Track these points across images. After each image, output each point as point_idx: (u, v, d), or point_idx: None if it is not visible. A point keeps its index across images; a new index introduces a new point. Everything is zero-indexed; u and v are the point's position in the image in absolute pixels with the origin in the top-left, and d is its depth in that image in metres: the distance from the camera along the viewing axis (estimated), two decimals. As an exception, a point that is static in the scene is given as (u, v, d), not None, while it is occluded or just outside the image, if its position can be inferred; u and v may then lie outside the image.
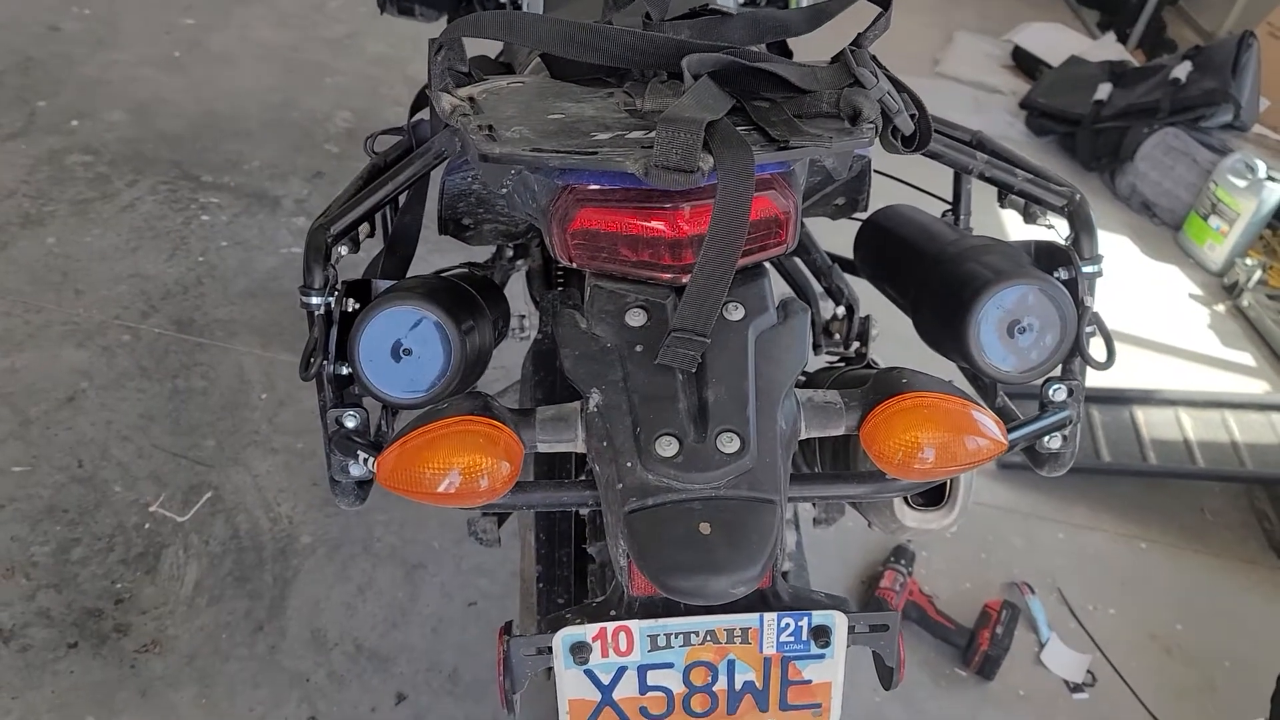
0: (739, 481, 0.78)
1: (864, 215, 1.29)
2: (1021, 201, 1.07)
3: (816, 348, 1.58)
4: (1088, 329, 0.99)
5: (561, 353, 0.86)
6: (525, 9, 1.78)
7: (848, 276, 1.53)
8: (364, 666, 1.80)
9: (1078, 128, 4.10)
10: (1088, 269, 0.98)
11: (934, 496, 1.13)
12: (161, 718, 1.67)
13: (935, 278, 1.03)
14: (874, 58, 0.91)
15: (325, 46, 3.66)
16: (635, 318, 0.86)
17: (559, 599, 1.32)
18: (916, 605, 2.07)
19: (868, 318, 1.47)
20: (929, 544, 2.26)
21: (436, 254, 1.79)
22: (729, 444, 0.78)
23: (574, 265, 0.89)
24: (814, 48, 1.09)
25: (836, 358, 1.55)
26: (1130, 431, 2.62)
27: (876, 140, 0.87)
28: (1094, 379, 1.03)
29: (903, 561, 2.14)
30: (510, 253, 1.67)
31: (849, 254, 1.41)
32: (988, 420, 0.83)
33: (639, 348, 0.84)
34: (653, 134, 0.80)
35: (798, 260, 1.59)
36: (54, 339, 2.28)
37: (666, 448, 0.78)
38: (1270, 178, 3.49)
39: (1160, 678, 2.09)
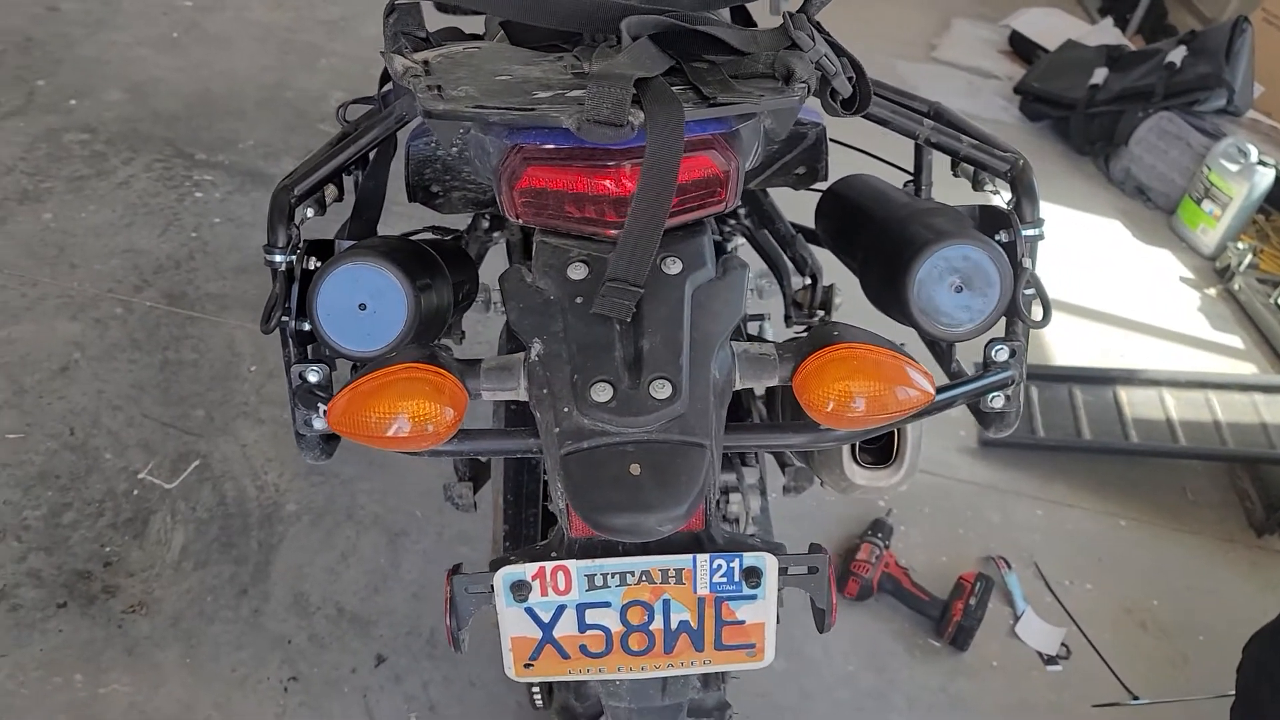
0: (670, 426, 0.81)
1: (825, 185, 1.32)
2: (971, 169, 1.10)
3: (787, 319, 1.61)
4: (1027, 291, 1.01)
5: (507, 305, 0.90)
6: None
7: (812, 247, 1.55)
8: (345, 629, 1.84)
9: (1072, 112, 4.11)
10: (1028, 231, 1.01)
11: (883, 456, 1.17)
12: (147, 676, 1.71)
13: (881, 240, 1.06)
14: (817, 23, 0.94)
15: (320, 28, 3.69)
16: (577, 271, 0.89)
17: (524, 557, 1.36)
18: (892, 577, 2.10)
19: (831, 287, 1.50)
20: (907, 519, 2.29)
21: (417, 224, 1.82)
22: (661, 390, 0.81)
23: (521, 222, 0.92)
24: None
25: (804, 328, 1.58)
26: (1113, 410, 2.65)
27: (814, 102, 0.90)
28: (1080, 359, 1.06)
29: (880, 535, 2.17)
30: (486, 223, 1.70)
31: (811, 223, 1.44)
32: (916, 372, 0.86)
33: (579, 299, 0.87)
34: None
35: (768, 234, 1.62)
36: (49, 311, 2.32)
37: (601, 393, 0.81)
38: (1262, 162, 3.50)
39: (1134, 651, 2.11)
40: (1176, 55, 3.86)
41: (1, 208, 2.57)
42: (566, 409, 0.82)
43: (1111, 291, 3.31)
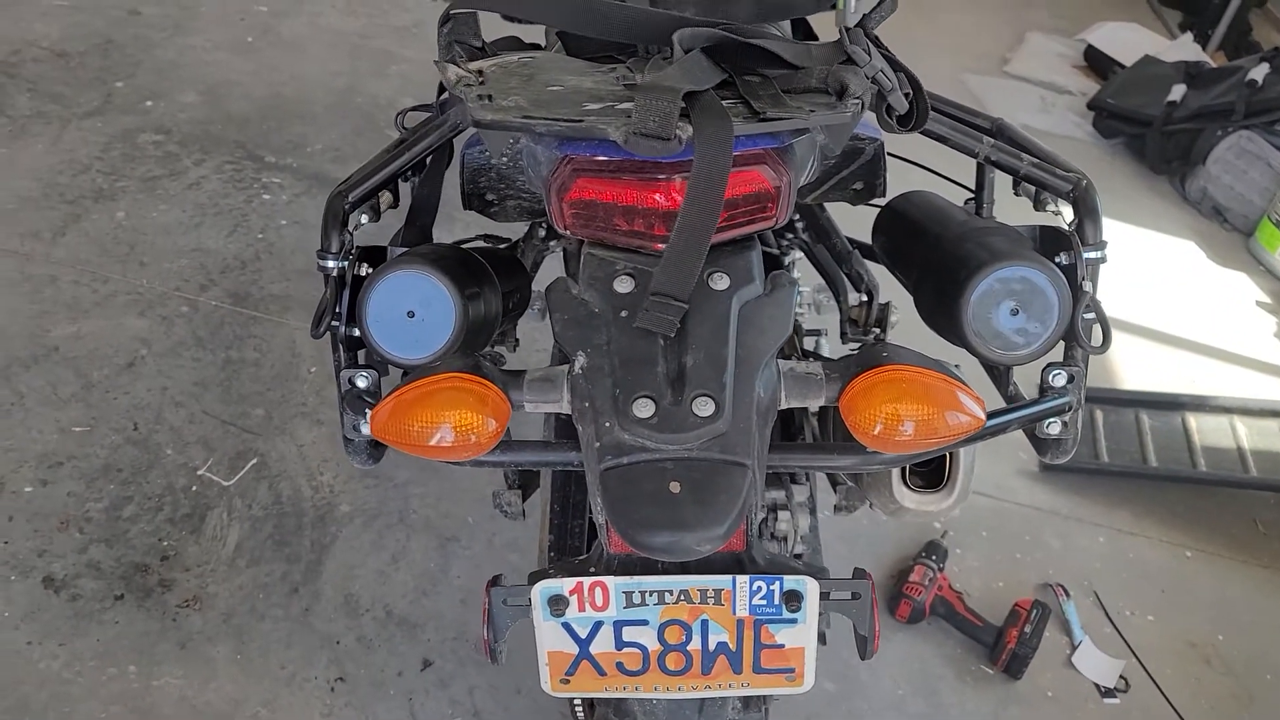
0: (711, 444, 0.80)
1: (883, 201, 1.30)
2: (1032, 188, 1.07)
3: (843, 335, 1.58)
4: (1087, 315, 0.98)
5: (552, 317, 0.89)
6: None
7: (869, 264, 1.53)
8: (393, 632, 1.85)
9: (1148, 129, 4.00)
10: (1089, 254, 0.98)
11: (934, 479, 1.14)
12: (198, 671, 1.74)
13: (935, 258, 1.04)
14: (874, 38, 0.92)
15: (392, 34, 3.74)
16: (623, 284, 0.88)
17: (570, 568, 1.35)
18: (945, 601, 2.06)
19: (887, 304, 1.47)
20: (963, 541, 2.24)
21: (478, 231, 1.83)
22: (704, 407, 0.80)
23: (570, 233, 0.92)
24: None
25: (859, 345, 1.56)
26: (1181, 437, 2.57)
27: (870, 116, 0.88)
28: (1148, 383, 1.02)
29: (934, 557, 2.13)
30: (542, 232, 1.71)
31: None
32: (967, 396, 0.84)
33: (624, 313, 0.86)
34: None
35: (825, 249, 1.60)
36: (118, 307, 2.38)
37: (643, 409, 0.81)
38: (1346, 184, 3.38)
39: (1197, 687, 2.05)
40: (1259, 73, 3.74)
41: (77, 205, 2.64)
42: (607, 423, 0.81)
43: (1184, 314, 3.21)
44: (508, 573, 1.96)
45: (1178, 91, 4.00)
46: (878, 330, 1.47)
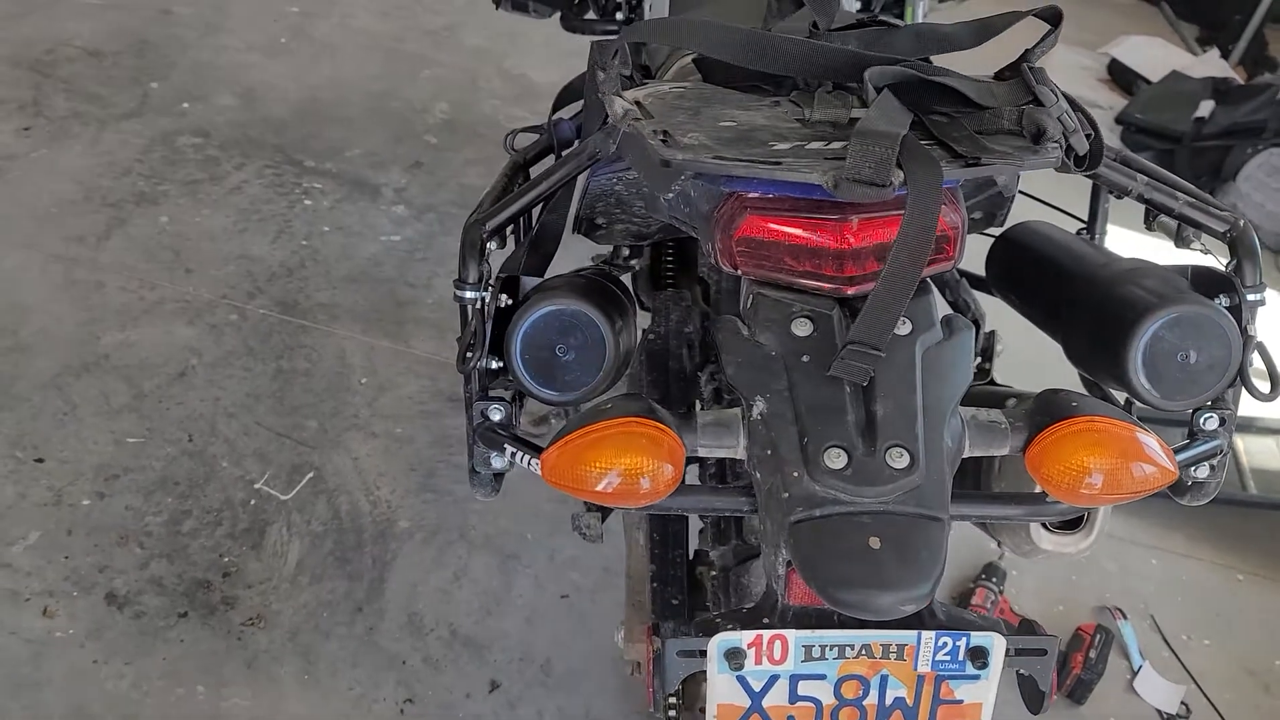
0: (907, 498, 0.78)
1: (996, 230, 1.28)
2: (1173, 224, 1.05)
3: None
4: (1249, 357, 0.97)
5: (723, 359, 0.87)
6: (648, 10, 1.80)
7: (975, 292, 1.51)
8: (459, 653, 1.83)
9: (1177, 145, 4.00)
10: (1252, 296, 0.96)
11: (1072, 520, 1.12)
12: (267, 691, 1.71)
13: (1090, 300, 1.02)
14: (1044, 74, 0.90)
15: (425, 37, 3.71)
16: (801, 327, 0.86)
17: (673, 600, 1.33)
18: (1008, 624, 2.04)
19: (993, 333, 1.45)
20: (1020, 563, 2.22)
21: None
22: (899, 459, 0.78)
23: (738, 272, 0.90)
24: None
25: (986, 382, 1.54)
26: (1230, 460, 2.55)
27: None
28: None
29: (994, 579, 2.12)
30: (626, 252, 1.69)
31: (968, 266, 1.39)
32: (1157, 448, 0.82)
33: (805, 357, 0.84)
34: (833, 145, 0.80)
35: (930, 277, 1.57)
36: (166, 315, 2.35)
37: (835, 460, 0.78)
38: (1381, 204, 3.38)
39: (1258, 715, 2.04)
40: (1291, 90, 3.75)
41: (120, 209, 2.61)
42: (796, 473, 0.79)
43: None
44: (571, 592, 1.96)
45: (1206, 108, 4.01)
46: (981, 359, 1.45)
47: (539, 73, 3.56)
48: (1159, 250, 1.12)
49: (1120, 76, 4.74)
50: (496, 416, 0.99)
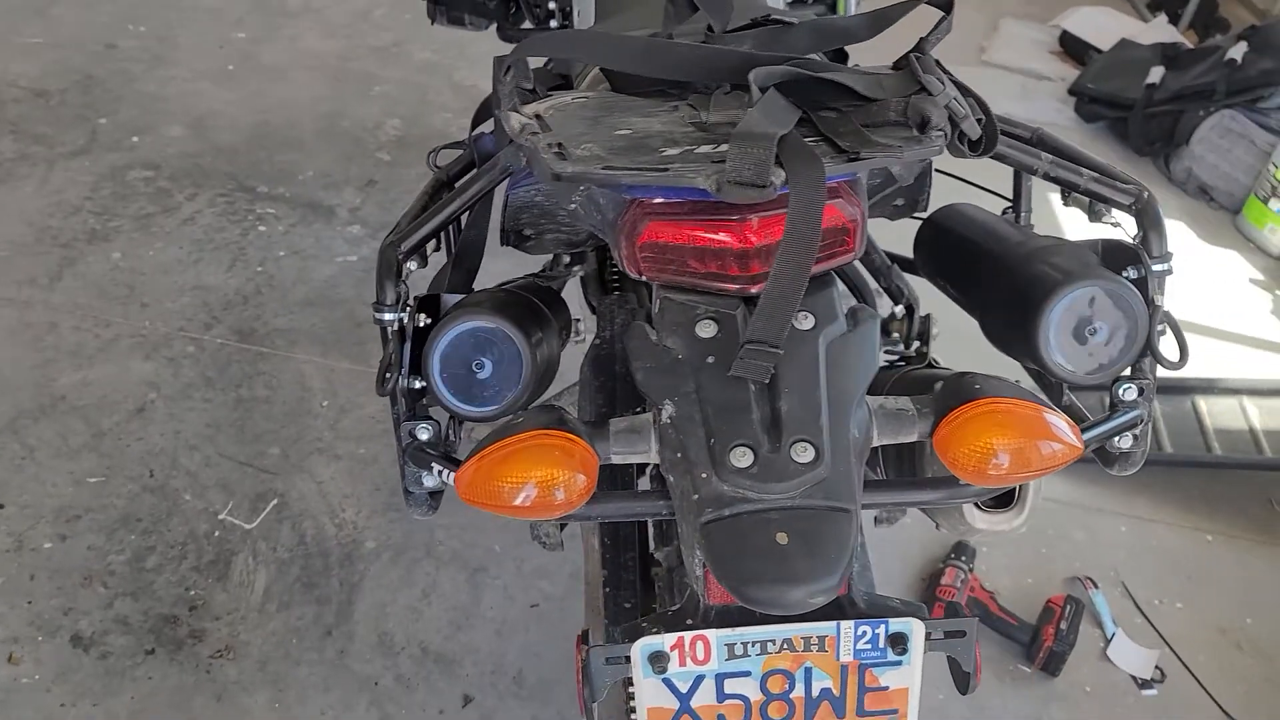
0: (814, 491, 0.78)
1: (923, 214, 1.29)
2: (1086, 200, 1.06)
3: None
4: (1159, 327, 0.98)
5: (632, 365, 0.87)
6: (576, 18, 1.80)
7: (907, 275, 1.52)
8: (430, 669, 1.83)
9: (1129, 112, 4.02)
10: (1158, 267, 0.98)
11: (1004, 498, 1.13)
12: (237, 722, 1.71)
13: (1003, 279, 1.03)
14: (938, 62, 0.91)
15: (372, 55, 3.70)
16: (706, 329, 0.87)
17: (625, 603, 1.33)
18: (978, 602, 2.06)
19: (928, 317, 1.46)
20: (989, 540, 2.24)
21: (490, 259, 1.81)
22: (803, 454, 0.79)
23: (642, 278, 0.90)
24: (868, 52, 1.09)
25: (896, 358, 1.55)
26: (1193, 421, 2.58)
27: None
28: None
29: (963, 558, 2.13)
30: (567, 259, 1.69)
31: (904, 251, 1.40)
32: (1062, 425, 0.83)
33: (710, 359, 0.85)
34: (721, 148, 0.80)
35: (862, 263, 1.58)
36: (123, 351, 2.34)
37: (741, 458, 0.79)
38: (1332, 158, 3.41)
39: (1232, 674, 2.05)
40: (1237, 51, 3.77)
41: (71, 248, 2.60)
42: (704, 474, 0.80)
43: (1181, 296, 3.22)
44: (541, 600, 1.96)
45: (1156, 74, 4.03)
46: (919, 343, 1.45)
47: (489, 84, 3.54)
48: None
49: (1072, 48, 4.76)
50: (424, 436, 0.99)
